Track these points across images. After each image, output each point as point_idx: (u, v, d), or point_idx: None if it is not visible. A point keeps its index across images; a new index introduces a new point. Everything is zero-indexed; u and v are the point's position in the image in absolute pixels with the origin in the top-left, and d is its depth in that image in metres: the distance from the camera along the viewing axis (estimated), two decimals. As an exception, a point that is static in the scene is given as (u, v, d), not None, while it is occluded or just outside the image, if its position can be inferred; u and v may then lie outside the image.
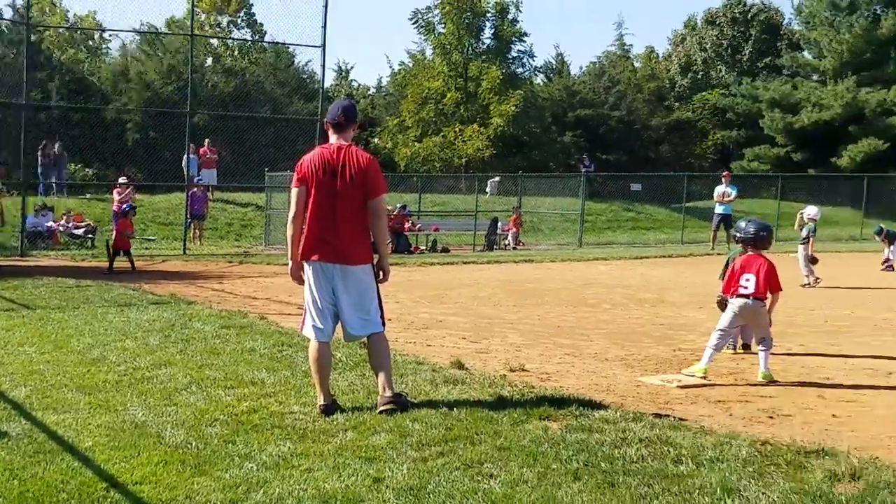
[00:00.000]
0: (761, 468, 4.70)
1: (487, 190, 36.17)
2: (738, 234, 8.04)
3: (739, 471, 4.65)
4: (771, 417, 6.04)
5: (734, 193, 25.08)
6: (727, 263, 8.53)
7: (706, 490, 4.36)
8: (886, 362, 8.17)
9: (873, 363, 8.13)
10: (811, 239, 15.34)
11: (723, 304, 7.96)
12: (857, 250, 25.41)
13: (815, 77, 49.64)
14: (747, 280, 7.60)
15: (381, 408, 5.93)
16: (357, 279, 6.09)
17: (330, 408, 6.01)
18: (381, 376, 6.07)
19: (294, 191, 6.22)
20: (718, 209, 24.91)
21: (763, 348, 7.55)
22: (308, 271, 6.18)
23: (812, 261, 15.23)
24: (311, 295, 6.17)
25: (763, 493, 4.31)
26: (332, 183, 6.03)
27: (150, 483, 4.57)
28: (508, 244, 27.54)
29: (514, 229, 28.07)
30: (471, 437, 5.33)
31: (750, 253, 7.82)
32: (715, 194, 25.33)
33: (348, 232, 6.04)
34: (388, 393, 6.00)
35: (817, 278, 15.22)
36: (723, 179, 25.58)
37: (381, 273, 6.21)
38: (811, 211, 15.82)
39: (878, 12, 46.18)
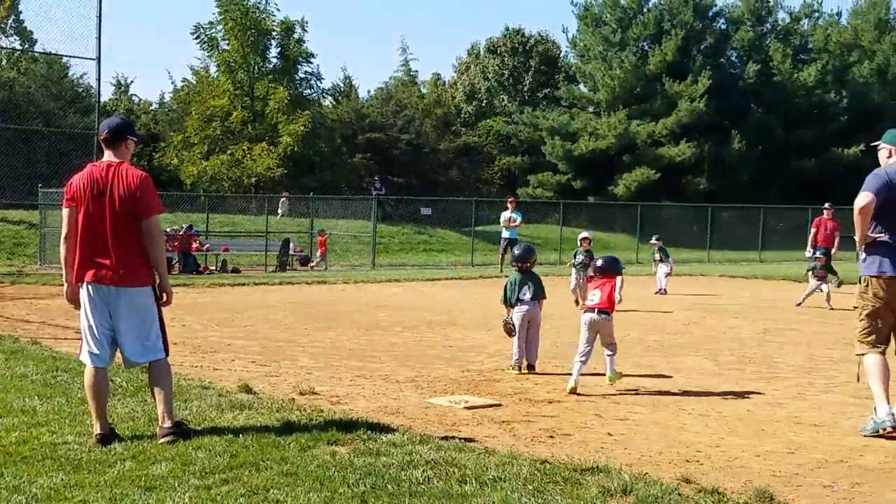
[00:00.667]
0: (540, 486, 4.91)
1: (279, 210, 35.82)
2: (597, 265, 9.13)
3: (520, 489, 4.83)
4: (552, 437, 6.31)
5: (519, 219, 26.15)
6: (506, 288, 9.38)
7: (489, 508, 4.51)
8: (657, 381, 8.74)
9: (646, 382, 8.68)
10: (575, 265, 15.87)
11: (509, 328, 9.12)
12: (633, 274, 27.02)
13: (590, 108, 52.69)
14: (594, 295, 8.61)
15: (161, 439, 5.72)
16: (135, 303, 5.87)
17: (107, 437, 5.74)
18: (161, 405, 5.85)
19: (65, 211, 5.97)
20: (505, 234, 25.88)
21: (609, 353, 8.48)
22: (83, 294, 5.91)
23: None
24: (87, 319, 5.90)
25: (541, 509, 4.50)
26: (102, 203, 5.82)
27: None
28: (320, 265, 27.55)
29: (322, 250, 28.09)
30: (257, 463, 5.25)
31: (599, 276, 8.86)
32: (501, 219, 26.30)
33: (122, 253, 5.81)
34: (168, 423, 5.80)
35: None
36: (508, 205, 26.60)
37: (163, 295, 6.01)
38: (581, 236, 16.67)
39: (646, 49, 49.69)
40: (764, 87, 49.60)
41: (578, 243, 16.29)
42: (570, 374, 8.30)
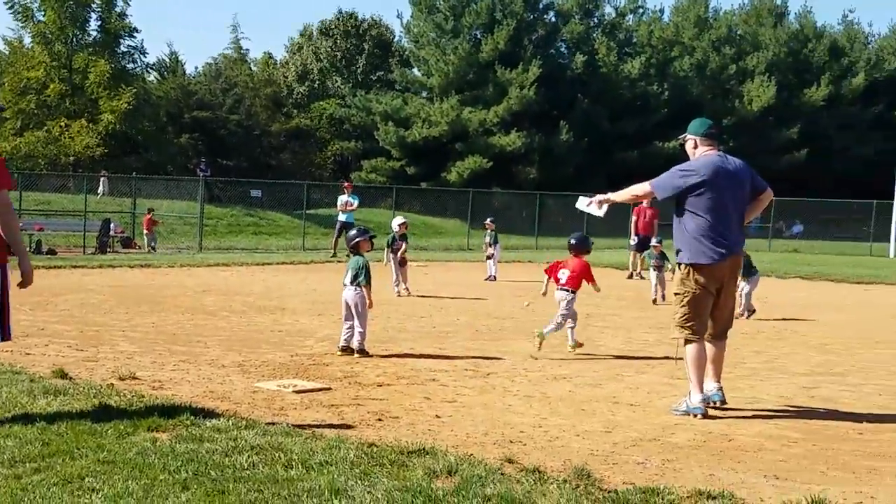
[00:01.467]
0: (367, 469, 4.92)
1: (99, 190, 34.29)
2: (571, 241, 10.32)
3: (347, 472, 4.82)
4: (380, 420, 6.34)
5: (356, 203, 26.00)
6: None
7: (315, 492, 4.47)
8: (485, 364, 8.93)
9: (474, 365, 8.85)
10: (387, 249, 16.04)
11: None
12: (463, 260, 27.51)
13: (424, 94, 53.16)
14: (562, 274, 9.84)
15: None
16: None
17: None
18: None
19: None
20: (341, 217, 25.67)
21: (571, 325, 9.70)
22: None
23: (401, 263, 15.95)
24: None
25: (368, 493, 4.51)
26: None
27: None
28: (149, 247, 26.50)
29: (149, 231, 27.04)
30: (71, 451, 5.01)
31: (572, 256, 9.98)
32: (338, 203, 26.07)
33: None
34: None
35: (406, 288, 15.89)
36: (345, 189, 26.43)
37: (22, 276, 5.69)
38: (394, 223, 16.77)
39: (479, 37, 50.62)
40: (591, 77, 51.56)
41: (395, 228, 16.37)
42: (396, 357, 8.35)
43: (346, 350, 9.11)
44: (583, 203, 7.84)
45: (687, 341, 6.85)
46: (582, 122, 49.83)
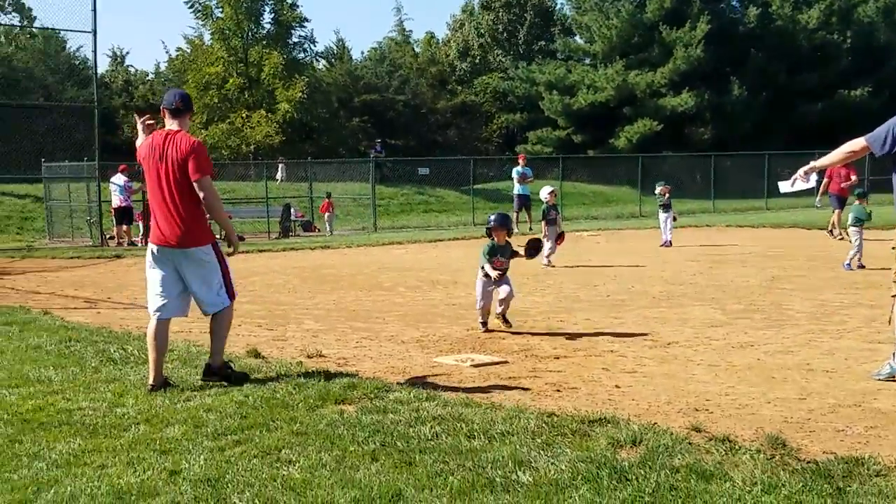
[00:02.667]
0: (549, 438, 4.90)
1: (277, 176, 35.71)
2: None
3: (529, 442, 4.83)
4: (558, 391, 6.31)
5: (531, 175, 25.83)
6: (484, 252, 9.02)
7: (499, 463, 4.50)
8: (664, 333, 8.72)
9: (652, 334, 8.67)
10: (543, 221, 15.72)
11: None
12: (635, 227, 26.98)
13: (587, 61, 52.17)
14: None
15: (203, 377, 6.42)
16: (198, 261, 6.31)
17: (156, 388, 6.21)
18: (213, 345, 6.53)
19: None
20: (517, 190, 25.58)
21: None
22: (148, 253, 6.42)
23: (557, 240, 15.46)
24: (151, 276, 6.39)
25: (552, 463, 4.50)
26: (160, 168, 6.24)
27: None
28: (327, 230, 27.58)
29: (329, 213, 28.10)
30: (267, 424, 5.26)
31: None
32: (514, 176, 25.97)
33: (181, 216, 6.23)
34: (213, 362, 6.46)
35: (549, 262, 15.38)
36: (519, 161, 26.26)
37: (230, 245, 6.54)
38: (542, 193, 16.43)
39: (643, -2, 49.05)
40: (764, 31, 49.04)
41: (546, 197, 16.07)
42: (574, 332, 8.26)
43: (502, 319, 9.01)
44: (786, 186, 7.37)
45: None
46: (757, 77, 47.54)
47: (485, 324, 8.98)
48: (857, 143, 6.58)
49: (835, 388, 6.24)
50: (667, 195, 19.79)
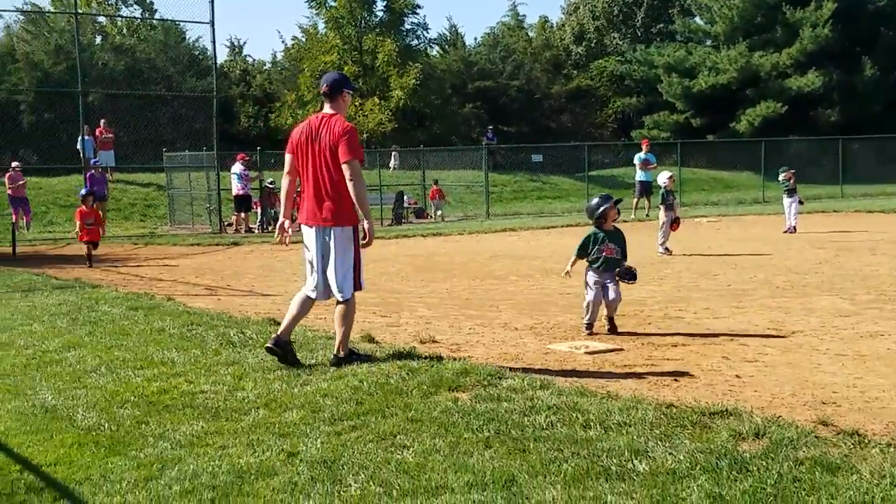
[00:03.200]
0: (667, 430, 4.79)
1: (391, 163, 36.04)
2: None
3: (646, 433, 4.73)
4: (676, 380, 6.17)
5: (655, 161, 25.28)
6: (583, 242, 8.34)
7: (614, 452, 4.43)
8: (788, 322, 8.43)
9: (775, 323, 8.38)
10: (661, 206, 15.27)
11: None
12: (757, 213, 26.19)
13: (708, 42, 50.72)
14: None
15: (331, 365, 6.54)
16: (337, 242, 6.47)
17: (273, 349, 6.52)
18: (337, 337, 6.70)
19: (287, 157, 6.73)
20: (640, 176, 25.11)
21: None
22: (303, 233, 6.67)
23: (672, 226, 15.08)
24: (305, 256, 6.67)
25: (670, 454, 4.40)
26: (313, 150, 6.47)
27: (65, 464, 4.51)
28: (438, 215, 27.85)
29: (439, 199, 28.38)
30: (382, 410, 5.32)
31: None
32: (636, 161, 25.49)
33: (329, 196, 6.42)
34: (340, 353, 6.62)
35: (666, 249, 15.08)
36: (642, 147, 25.74)
37: (365, 235, 6.55)
38: (660, 178, 15.96)
39: (765, -25, 47.31)
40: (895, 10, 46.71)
41: (665, 182, 15.51)
42: (693, 320, 8.04)
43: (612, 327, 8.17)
44: None
45: None
46: (888, 56, 45.28)
47: (590, 325, 8.15)
48: None
49: (974, 383, 5.90)
50: (791, 180, 19.11)
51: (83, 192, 16.01)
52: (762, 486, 3.93)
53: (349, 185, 6.38)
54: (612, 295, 8.11)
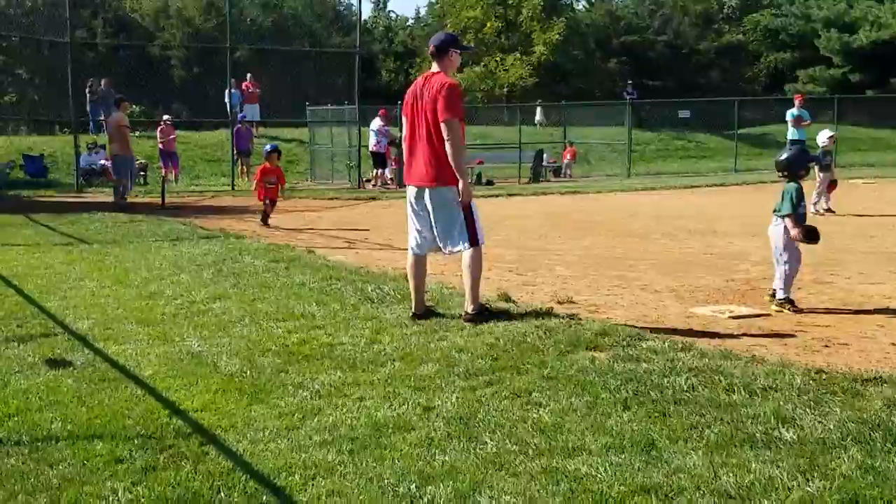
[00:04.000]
0: (817, 396, 4.59)
1: (536, 118, 35.58)
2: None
3: (794, 399, 4.54)
4: (827, 346, 5.90)
5: (809, 119, 24.01)
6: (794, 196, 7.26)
7: (760, 419, 4.27)
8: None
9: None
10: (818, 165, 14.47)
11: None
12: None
13: (869, -5, 47.76)
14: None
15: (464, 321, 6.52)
16: (443, 200, 6.51)
17: (419, 316, 6.65)
18: (466, 291, 6.65)
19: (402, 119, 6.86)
20: (792, 135, 23.94)
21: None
22: (407, 194, 6.79)
23: (829, 187, 14.64)
24: (409, 215, 6.78)
25: (819, 422, 4.21)
26: (417, 109, 6.51)
27: (210, 410, 4.66)
28: (566, 174, 27.62)
29: (570, 159, 28.09)
30: (517, 367, 5.29)
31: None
32: (787, 118, 24.26)
33: (431, 155, 6.44)
34: (469, 308, 6.60)
35: (828, 209, 14.72)
36: (795, 102, 24.51)
37: (461, 193, 6.50)
38: (821, 136, 15.14)
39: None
40: None
41: (825, 141, 14.78)
42: (846, 285, 7.65)
43: (773, 297, 7.35)
44: None
45: None
46: None
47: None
48: None
49: None
50: None
51: (269, 147, 14.78)
52: (919, 461, 3.72)
53: (446, 143, 6.34)
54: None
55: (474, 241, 6.57)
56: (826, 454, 3.85)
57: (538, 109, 36.21)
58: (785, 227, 7.19)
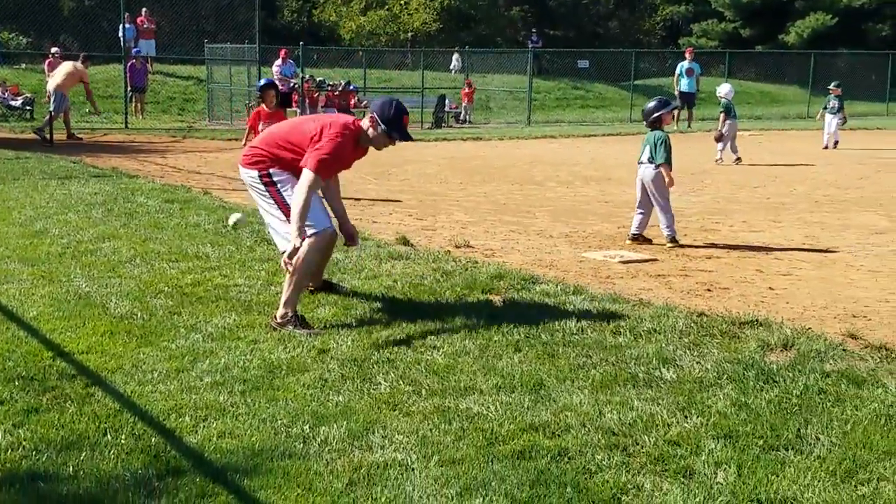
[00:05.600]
0: (696, 339, 4.82)
1: (452, 66, 35.29)
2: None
3: (675, 341, 4.76)
4: (709, 290, 6.16)
5: (699, 71, 24.61)
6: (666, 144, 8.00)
7: (643, 360, 4.47)
8: (825, 237, 8.35)
9: (811, 238, 8.31)
10: (721, 116, 15.45)
11: None
12: (803, 128, 25.64)
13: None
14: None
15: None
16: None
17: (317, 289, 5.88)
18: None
19: None
20: (682, 87, 24.49)
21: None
22: None
23: (717, 138, 15.34)
24: None
25: (697, 363, 4.43)
26: None
27: (97, 352, 4.57)
28: (464, 119, 27.58)
29: (468, 102, 28.05)
30: (413, 309, 5.37)
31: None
32: (678, 71, 24.83)
33: None
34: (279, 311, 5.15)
35: (720, 158, 15.39)
36: (686, 55, 25.06)
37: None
38: (721, 90, 15.85)
39: None
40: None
41: (726, 94, 15.57)
42: (729, 232, 7.99)
43: (638, 238, 7.98)
44: None
45: None
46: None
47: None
48: None
49: None
50: (836, 96, 18.74)
51: (263, 82, 11.76)
52: (787, 397, 3.97)
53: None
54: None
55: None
56: (703, 392, 4.06)
57: (454, 56, 35.87)
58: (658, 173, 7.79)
